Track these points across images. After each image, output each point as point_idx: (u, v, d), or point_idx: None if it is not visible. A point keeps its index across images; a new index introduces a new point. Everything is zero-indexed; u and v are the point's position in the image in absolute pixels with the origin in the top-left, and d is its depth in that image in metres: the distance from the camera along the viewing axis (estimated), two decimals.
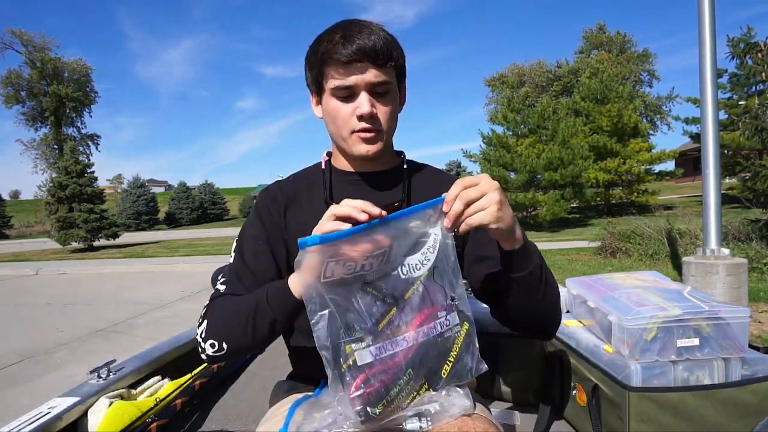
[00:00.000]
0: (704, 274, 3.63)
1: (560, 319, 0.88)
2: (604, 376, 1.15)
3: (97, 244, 16.46)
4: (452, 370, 0.72)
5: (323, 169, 0.98)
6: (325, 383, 0.75)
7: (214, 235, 19.35)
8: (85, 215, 15.69)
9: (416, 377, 0.69)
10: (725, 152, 12.47)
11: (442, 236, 0.72)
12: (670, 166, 18.22)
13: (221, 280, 0.90)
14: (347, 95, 0.85)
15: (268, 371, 1.68)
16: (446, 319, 0.72)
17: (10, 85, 31.86)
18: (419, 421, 0.70)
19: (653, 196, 15.45)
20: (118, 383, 1.22)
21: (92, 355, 4.17)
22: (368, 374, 0.66)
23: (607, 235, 7.87)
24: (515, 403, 1.46)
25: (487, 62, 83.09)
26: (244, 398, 1.52)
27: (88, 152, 33.73)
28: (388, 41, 0.84)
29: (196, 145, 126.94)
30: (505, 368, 1.45)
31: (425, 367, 0.70)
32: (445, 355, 0.72)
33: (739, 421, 1.04)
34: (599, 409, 1.17)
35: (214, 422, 1.37)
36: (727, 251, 3.69)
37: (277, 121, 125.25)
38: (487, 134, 14.68)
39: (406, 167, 0.97)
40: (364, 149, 0.88)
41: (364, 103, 0.84)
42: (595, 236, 8.45)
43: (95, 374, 1.22)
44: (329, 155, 1.00)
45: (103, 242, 16.64)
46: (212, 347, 0.80)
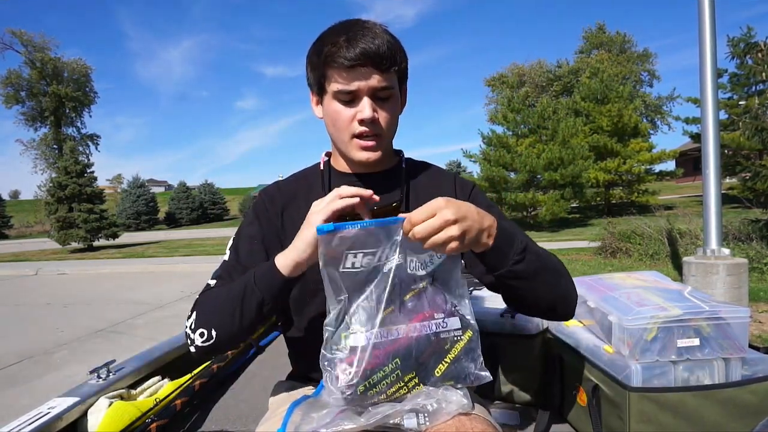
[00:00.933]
0: (704, 274, 3.62)
1: (575, 297, 0.87)
2: (604, 376, 1.15)
3: (96, 244, 16.47)
4: (447, 370, 0.73)
5: (322, 170, 0.98)
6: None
7: (213, 235, 19.31)
8: (84, 215, 15.70)
9: (403, 368, 0.71)
10: (725, 152, 12.44)
11: None
12: (670, 166, 18.23)
13: (213, 275, 0.90)
14: (349, 99, 0.85)
15: (268, 371, 1.68)
16: (444, 321, 0.74)
17: (10, 85, 31.74)
18: (417, 417, 0.71)
19: (653, 196, 15.42)
20: (117, 383, 1.22)
21: (92, 355, 4.17)
22: (358, 357, 0.70)
23: (607, 235, 7.86)
24: (515, 403, 1.46)
25: (487, 62, 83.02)
26: (244, 398, 1.52)
27: (87, 152, 33.61)
28: (391, 45, 0.84)
29: (196, 145, 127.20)
30: (505, 368, 1.45)
31: (414, 360, 0.72)
32: (440, 354, 0.73)
33: (739, 421, 1.04)
34: (599, 409, 1.17)
35: (214, 422, 1.37)
36: (727, 251, 3.69)
37: (277, 120, 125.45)
38: (487, 134, 14.67)
39: (404, 167, 0.97)
40: (364, 156, 0.88)
41: (366, 108, 0.84)
42: (595, 236, 8.44)
43: (95, 374, 1.22)
44: (328, 155, 1.00)
45: (102, 242, 16.64)
46: (201, 336, 0.81)
